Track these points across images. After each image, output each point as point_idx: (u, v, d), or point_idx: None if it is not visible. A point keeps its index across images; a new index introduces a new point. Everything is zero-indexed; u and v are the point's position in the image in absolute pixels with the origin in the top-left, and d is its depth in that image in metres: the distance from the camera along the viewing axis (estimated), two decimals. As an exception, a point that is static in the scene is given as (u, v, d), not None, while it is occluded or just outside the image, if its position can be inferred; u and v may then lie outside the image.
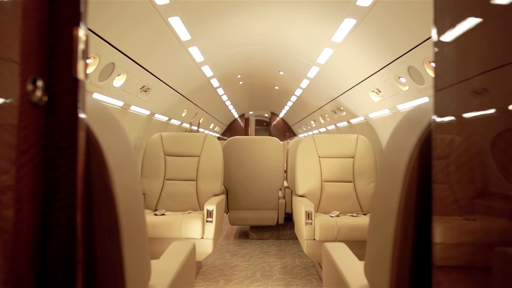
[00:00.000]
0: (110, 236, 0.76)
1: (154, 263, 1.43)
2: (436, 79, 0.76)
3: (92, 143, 0.73)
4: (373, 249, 1.00)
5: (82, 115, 0.60)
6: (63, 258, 0.61)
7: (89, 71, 2.41)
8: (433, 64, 2.37)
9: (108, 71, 2.69)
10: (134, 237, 0.88)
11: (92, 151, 0.73)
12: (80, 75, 0.60)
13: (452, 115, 0.69)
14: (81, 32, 0.59)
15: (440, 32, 0.71)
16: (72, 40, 0.59)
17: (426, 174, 0.80)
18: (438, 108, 0.75)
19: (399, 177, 0.84)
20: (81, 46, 0.60)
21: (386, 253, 0.85)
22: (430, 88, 2.63)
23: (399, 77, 3.00)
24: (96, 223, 0.73)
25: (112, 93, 2.99)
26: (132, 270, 0.83)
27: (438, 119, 0.73)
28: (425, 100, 2.80)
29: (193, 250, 1.66)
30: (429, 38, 2.27)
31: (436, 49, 0.73)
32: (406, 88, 2.99)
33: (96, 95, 2.77)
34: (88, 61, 2.02)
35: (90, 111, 0.77)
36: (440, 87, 0.75)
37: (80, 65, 0.60)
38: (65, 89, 0.59)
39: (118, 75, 2.91)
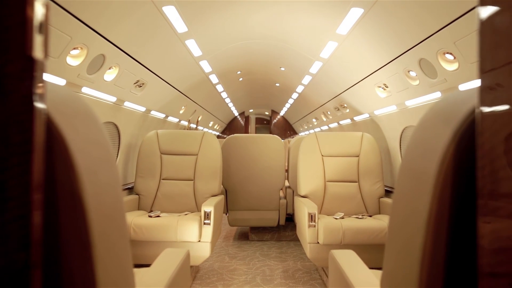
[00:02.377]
0: (79, 250, 0.63)
1: (143, 271, 1.30)
2: (482, 57, 0.61)
3: (55, 138, 0.59)
4: (392, 260, 0.87)
5: (40, 104, 0.48)
6: (17, 282, 0.48)
7: (76, 63, 2.26)
8: (453, 55, 2.19)
9: (98, 64, 2.53)
10: (115, 246, 0.75)
11: (56, 149, 0.59)
12: (38, 54, 0.47)
13: (507, 103, 0.54)
14: (39, 0, 0.47)
15: None
16: (26, 10, 0.46)
17: (465, 177, 0.66)
18: (486, 94, 0.60)
19: (428, 180, 0.70)
20: (38, 17, 0.47)
21: (411, 266, 0.72)
22: (444, 82, 2.47)
23: (408, 71, 2.84)
24: (62, 236, 0.60)
25: (103, 88, 2.83)
26: (110, 282, 0.70)
27: (486, 109, 0.59)
28: (437, 95, 2.64)
29: (187, 258, 1.53)
30: (443, 28, 2.11)
31: (483, 17, 0.58)
32: (416, 82, 2.83)
33: (85, 89, 2.62)
34: (75, 51, 1.84)
35: (53, 100, 0.63)
36: (489, 67, 0.60)
37: (37, 41, 0.48)
38: (18, 70, 0.47)
39: (109, 68, 2.76)
